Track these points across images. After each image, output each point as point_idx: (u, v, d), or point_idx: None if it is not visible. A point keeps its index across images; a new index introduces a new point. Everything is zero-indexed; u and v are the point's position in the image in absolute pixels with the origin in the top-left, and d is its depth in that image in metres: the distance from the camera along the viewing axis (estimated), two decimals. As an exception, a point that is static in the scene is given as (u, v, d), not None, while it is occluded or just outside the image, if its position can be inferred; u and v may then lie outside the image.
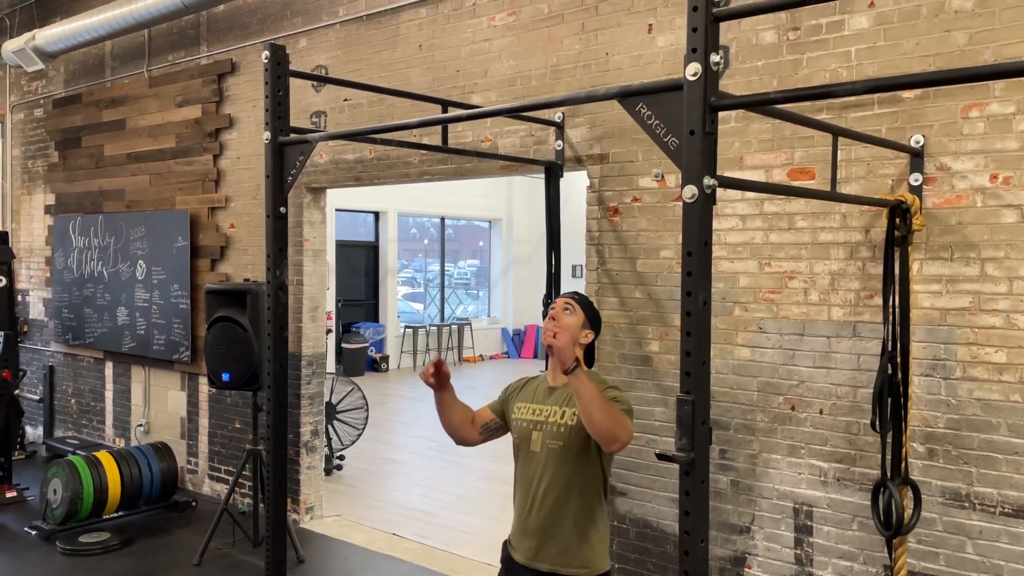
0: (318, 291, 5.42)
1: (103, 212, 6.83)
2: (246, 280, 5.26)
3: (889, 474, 3.02)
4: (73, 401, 7.35)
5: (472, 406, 2.83)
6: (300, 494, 5.41)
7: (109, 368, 6.95)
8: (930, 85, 1.78)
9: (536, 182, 4.13)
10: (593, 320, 2.72)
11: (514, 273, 14.24)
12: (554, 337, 2.37)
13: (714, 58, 1.88)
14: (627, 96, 2.04)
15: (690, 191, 1.89)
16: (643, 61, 3.82)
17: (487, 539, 5.21)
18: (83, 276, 6.99)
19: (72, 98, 7.21)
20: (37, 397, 6.45)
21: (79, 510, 5.15)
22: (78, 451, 6.19)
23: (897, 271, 3.00)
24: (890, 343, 2.99)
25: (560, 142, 4.07)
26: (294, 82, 3.03)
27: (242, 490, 5.65)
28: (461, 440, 2.82)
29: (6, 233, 7.44)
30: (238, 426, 5.81)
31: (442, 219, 13.96)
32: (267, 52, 2.87)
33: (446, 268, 14.77)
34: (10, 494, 5.86)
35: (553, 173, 4.05)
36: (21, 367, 7.66)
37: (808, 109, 3.32)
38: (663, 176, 3.76)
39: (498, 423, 2.80)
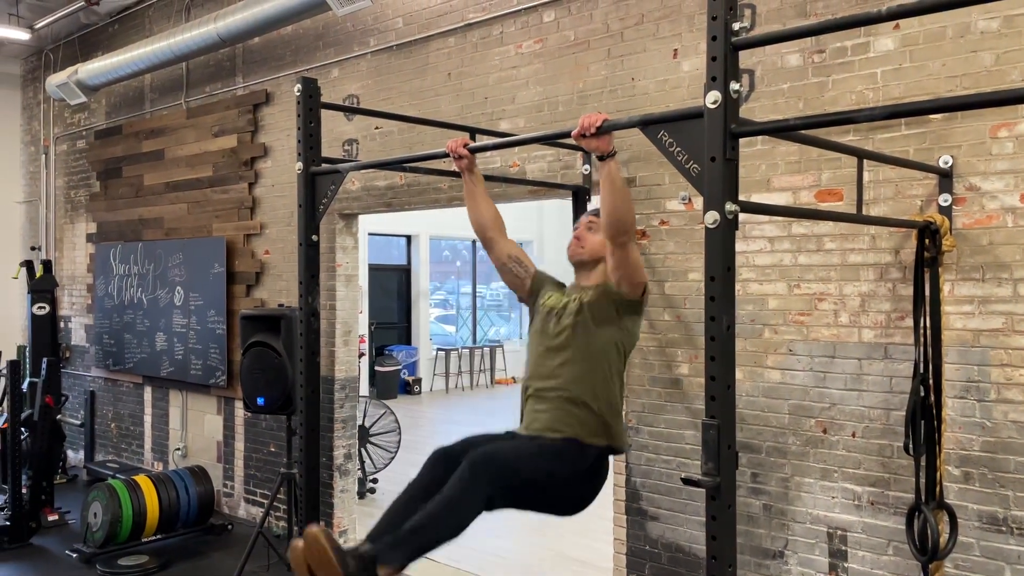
0: (351, 316, 5.49)
1: (143, 240, 6.99)
2: (280, 305, 5.35)
3: (924, 498, 2.99)
4: (113, 425, 7.49)
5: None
6: (334, 517, 5.46)
7: (148, 393, 7.08)
8: (946, 111, 1.78)
9: (568, 203, 4.17)
10: None
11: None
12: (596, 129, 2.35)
13: (734, 86, 1.91)
14: (649, 124, 2.07)
15: (712, 217, 1.91)
16: (669, 86, 3.86)
17: (519, 563, 5.21)
18: (123, 303, 7.15)
19: (113, 130, 7.41)
20: (78, 422, 6.59)
21: (119, 533, 5.24)
22: (118, 475, 6.31)
23: (928, 292, 2.98)
24: (922, 365, 2.97)
25: (587, 166, 4.11)
26: (327, 111, 3.13)
27: (277, 513, 5.70)
28: (489, 240, 3.03)
29: (50, 262, 7.66)
30: (273, 450, 5.88)
31: (473, 242, 14.06)
32: (299, 85, 2.95)
33: (478, 290, 14.85)
34: (52, 517, 5.98)
35: (580, 198, 4.09)
36: (64, 392, 7.85)
37: (835, 131, 3.32)
38: (690, 199, 3.77)
39: (524, 274, 3.03)
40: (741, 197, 3.56)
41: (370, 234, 11.86)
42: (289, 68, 5.70)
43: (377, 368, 12.16)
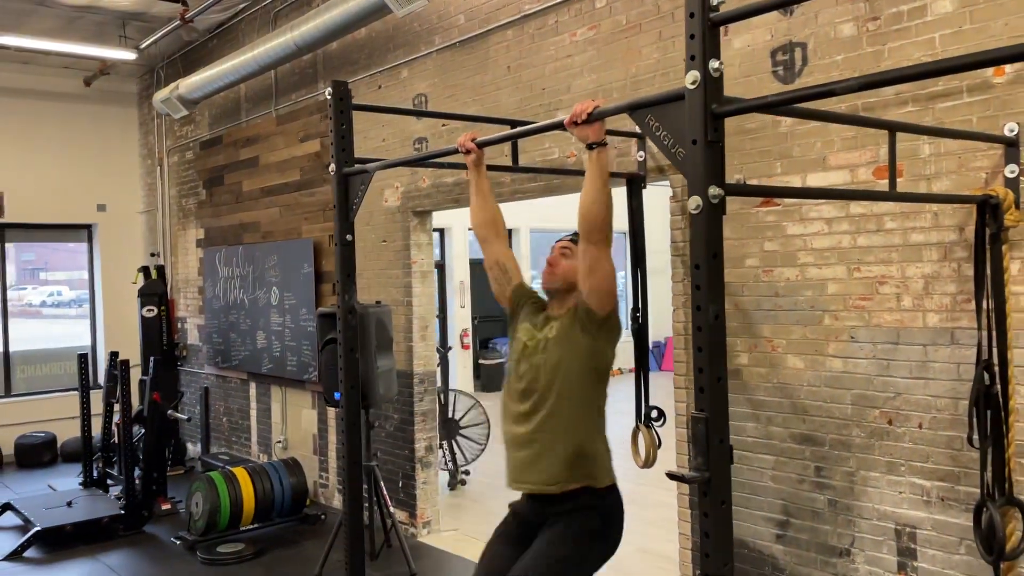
0: (427, 311, 5.59)
1: (243, 244, 7.35)
2: (378, 303, 5.50)
3: (994, 493, 2.77)
4: (225, 420, 7.93)
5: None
6: (416, 508, 5.58)
7: (253, 388, 7.45)
8: (938, 74, 1.62)
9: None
10: None
11: (649, 284, 14.04)
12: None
13: (714, 64, 1.82)
14: (636, 108, 2.00)
15: (695, 202, 1.83)
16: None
17: (598, 556, 5.16)
18: (228, 303, 7.54)
19: (215, 140, 7.82)
20: (186, 417, 6.99)
21: (218, 522, 5.54)
22: (227, 466, 6.66)
23: (991, 272, 2.76)
24: (986, 350, 2.75)
25: (642, 153, 4.02)
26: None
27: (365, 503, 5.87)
28: (483, 239, 2.99)
29: (162, 267, 8.17)
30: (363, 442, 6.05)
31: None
32: (330, 88, 3.02)
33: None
34: (165, 506, 6.38)
35: (635, 185, 3.99)
36: (180, 389, 8.38)
37: (893, 102, 3.13)
38: (745, 182, 3.62)
39: (506, 284, 2.95)
40: (796, 177, 3.42)
41: (470, 229, 11.98)
42: (364, 71, 5.85)
43: (481, 361, 12.31)
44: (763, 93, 3.51)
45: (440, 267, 12.57)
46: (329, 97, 3.01)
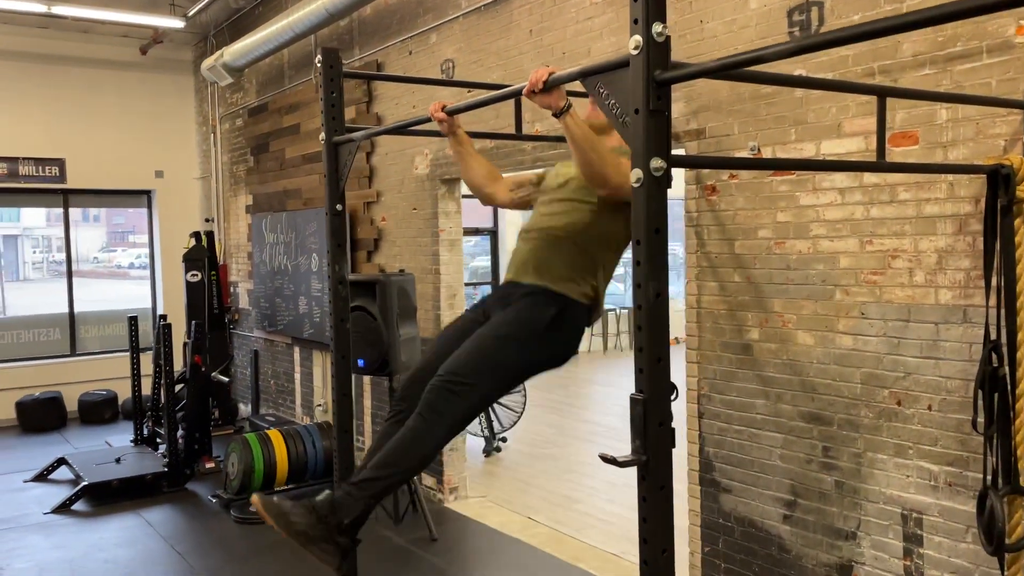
0: (455, 279, 5.58)
1: (286, 210, 7.46)
2: (402, 271, 5.53)
3: (999, 481, 2.62)
4: (272, 382, 8.12)
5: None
6: (444, 475, 5.62)
7: (296, 352, 7.60)
8: (884, 33, 1.48)
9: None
10: None
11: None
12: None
13: (657, 28, 1.72)
14: (587, 76, 1.92)
15: (636, 175, 1.74)
16: (737, 26, 3.55)
17: (621, 528, 5.12)
18: (274, 269, 7.69)
19: (261, 107, 7.92)
20: (227, 379, 7.18)
21: (252, 482, 5.69)
22: (272, 427, 6.83)
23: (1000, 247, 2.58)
24: (993, 330, 2.58)
25: (659, 119, 3.88)
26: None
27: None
28: (488, 197, 2.89)
29: (211, 233, 8.35)
30: (393, 408, 6.12)
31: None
32: (320, 56, 2.99)
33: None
34: (209, 465, 6.59)
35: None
36: (231, 351, 8.60)
37: (909, 64, 2.94)
38: (759, 149, 3.48)
39: (532, 187, 2.81)
40: (811, 144, 3.27)
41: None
42: (395, 37, 5.81)
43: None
44: (779, 56, 3.35)
45: (493, 233, 12.59)
46: (319, 65, 2.99)
